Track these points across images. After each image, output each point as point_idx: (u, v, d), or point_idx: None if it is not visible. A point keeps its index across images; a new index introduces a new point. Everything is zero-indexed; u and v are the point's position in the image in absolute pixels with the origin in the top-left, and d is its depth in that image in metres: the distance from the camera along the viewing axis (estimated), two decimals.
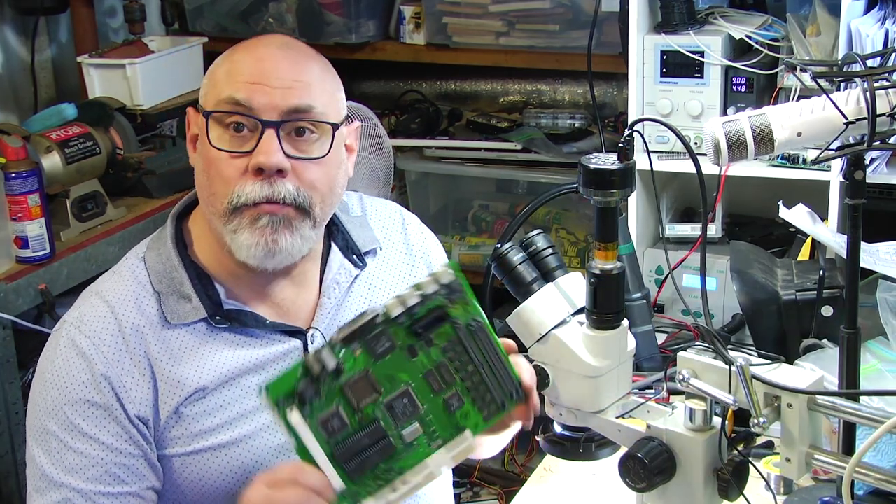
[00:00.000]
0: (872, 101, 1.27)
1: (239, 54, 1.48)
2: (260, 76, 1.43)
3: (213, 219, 1.47)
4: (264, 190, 1.42)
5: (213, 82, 1.48)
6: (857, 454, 1.16)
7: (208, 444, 1.46)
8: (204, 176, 1.46)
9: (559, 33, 2.84)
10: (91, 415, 1.43)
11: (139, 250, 1.54)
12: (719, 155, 1.33)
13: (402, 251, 1.68)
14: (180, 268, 1.49)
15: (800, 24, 2.11)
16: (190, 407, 1.45)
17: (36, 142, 2.41)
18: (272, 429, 1.46)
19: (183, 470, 1.46)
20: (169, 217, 1.55)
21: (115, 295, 1.48)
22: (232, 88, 1.43)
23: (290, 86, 1.44)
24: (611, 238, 1.25)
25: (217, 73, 1.48)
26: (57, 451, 1.43)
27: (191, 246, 1.53)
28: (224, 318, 1.48)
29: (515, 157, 2.92)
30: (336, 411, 1.25)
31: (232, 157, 1.43)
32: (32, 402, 1.48)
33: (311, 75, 1.47)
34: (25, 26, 3.05)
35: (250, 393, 1.48)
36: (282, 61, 1.46)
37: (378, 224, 1.67)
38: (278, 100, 1.42)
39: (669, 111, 2.19)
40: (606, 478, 1.64)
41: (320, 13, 3.06)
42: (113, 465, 1.43)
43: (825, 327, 1.83)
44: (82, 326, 1.46)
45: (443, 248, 1.77)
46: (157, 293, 1.48)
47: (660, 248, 2.31)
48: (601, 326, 1.27)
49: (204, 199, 1.48)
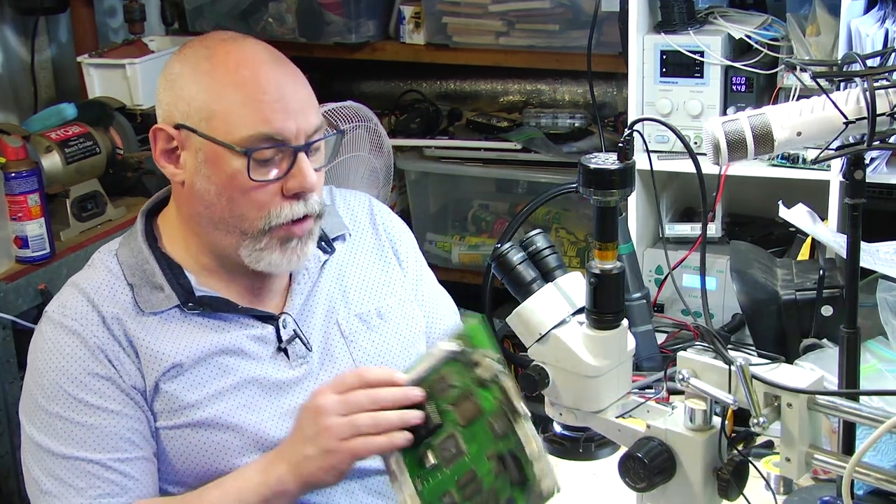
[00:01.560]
0: (872, 101, 1.27)
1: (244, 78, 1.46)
2: (280, 103, 1.47)
3: (222, 237, 1.51)
4: (301, 209, 1.50)
5: (226, 110, 1.46)
6: (857, 454, 1.16)
7: (188, 419, 1.49)
8: (221, 200, 1.49)
9: (559, 33, 2.84)
10: (94, 386, 1.46)
11: (112, 246, 1.59)
12: (719, 155, 1.33)
13: (370, 238, 1.73)
14: (151, 259, 1.53)
15: (800, 23, 2.11)
16: (168, 383, 1.49)
17: (36, 142, 2.41)
18: (247, 408, 1.52)
19: (168, 443, 1.50)
20: (139, 214, 1.59)
21: (90, 285, 1.52)
22: (259, 124, 1.45)
23: (302, 107, 1.49)
24: (611, 238, 1.25)
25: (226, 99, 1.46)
26: (64, 431, 1.46)
27: (160, 240, 1.57)
28: (196, 303, 1.53)
29: (515, 157, 2.92)
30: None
31: (266, 185, 1.47)
32: (27, 394, 1.50)
33: (307, 87, 1.53)
34: (25, 26, 3.05)
35: (226, 371, 1.52)
36: (285, 78, 1.50)
37: (346, 212, 1.73)
38: (301, 123, 1.48)
39: (669, 111, 2.19)
40: (606, 478, 1.63)
41: (320, 13, 3.06)
42: (125, 429, 1.47)
43: (825, 327, 1.83)
44: (66, 311, 1.50)
45: (415, 240, 1.81)
46: (130, 285, 1.52)
47: (660, 248, 2.31)
48: (601, 326, 1.27)
49: (216, 219, 1.51)
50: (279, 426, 1.53)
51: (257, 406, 1.53)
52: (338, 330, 1.62)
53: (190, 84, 1.48)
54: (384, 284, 1.69)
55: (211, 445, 1.50)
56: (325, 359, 1.60)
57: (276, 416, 1.53)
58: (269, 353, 1.56)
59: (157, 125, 1.52)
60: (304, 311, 1.60)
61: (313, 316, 1.60)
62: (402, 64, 3.17)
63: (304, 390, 1.56)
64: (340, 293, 1.64)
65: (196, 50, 1.51)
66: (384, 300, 1.68)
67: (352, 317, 1.63)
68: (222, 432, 1.50)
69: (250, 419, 1.52)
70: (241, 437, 1.51)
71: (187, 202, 1.53)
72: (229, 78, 1.47)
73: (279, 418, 1.53)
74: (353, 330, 1.63)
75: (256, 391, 1.53)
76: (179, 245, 1.56)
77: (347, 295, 1.65)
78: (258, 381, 1.54)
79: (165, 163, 1.53)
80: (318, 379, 1.58)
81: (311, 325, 1.60)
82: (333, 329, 1.62)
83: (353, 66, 3.23)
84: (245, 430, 1.51)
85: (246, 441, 1.51)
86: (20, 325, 2.27)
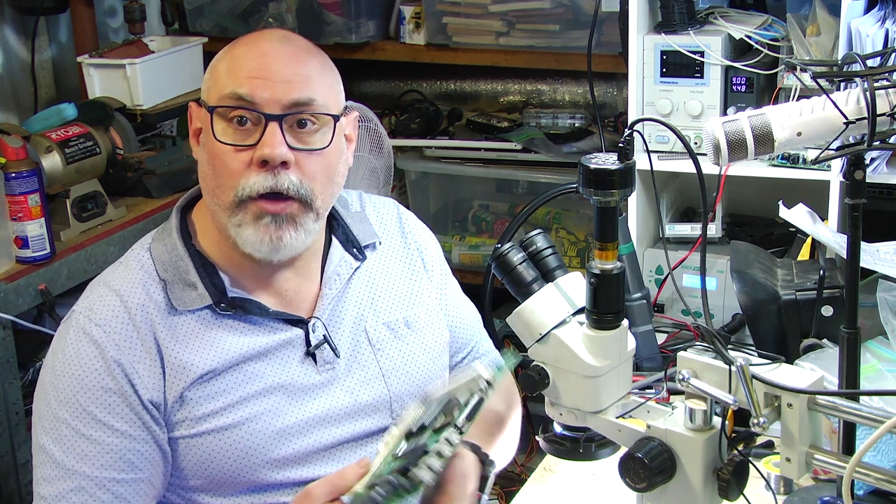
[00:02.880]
0: (872, 101, 1.27)
1: (239, 49, 1.51)
2: (261, 70, 1.46)
3: (217, 211, 1.50)
4: (268, 181, 1.46)
5: (214, 77, 1.50)
6: (857, 454, 1.16)
7: (210, 426, 1.48)
8: (209, 168, 1.50)
9: (559, 33, 2.84)
10: (105, 401, 1.45)
11: (145, 241, 1.58)
12: (719, 155, 1.33)
13: (399, 246, 1.71)
14: (185, 257, 1.53)
15: (800, 23, 2.11)
16: (194, 391, 1.48)
17: (36, 142, 2.41)
18: (273, 413, 1.51)
19: (187, 452, 1.49)
20: (174, 209, 1.59)
21: (122, 283, 1.51)
22: (234, 83, 1.46)
23: (290, 79, 1.47)
24: (611, 238, 1.25)
25: (218, 67, 1.51)
26: (69, 439, 1.45)
27: (195, 237, 1.56)
28: (228, 305, 1.52)
29: (515, 157, 2.92)
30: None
31: (237, 151, 1.46)
32: (42, 393, 1.49)
33: (310, 68, 1.51)
34: (25, 26, 3.05)
35: (253, 378, 1.51)
36: (282, 55, 1.49)
37: (376, 220, 1.71)
38: (280, 93, 1.46)
39: (669, 111, 2.19)
40: (606, 478, 1.64)
41: (320, 13, 3.06)
42: (127, 451, 1.46)
43: (825, 327, 1.83)
44: (92, 315, 1.48)
45: (440, 247, 1.79)
46: (163, 281, 1.52)
47: (660, 248, 2.31)
48: (601, 326, 1.27)
49: (208, 193, 1.51)
50: (303, 431, 1.53)
51: (282, 411, 1.52)
52: (365, 338, 1.61)
53: (214, 65, 1.53)
54: (412, 294, 1.68)
55: (235, 451, 1.49)
56: (351, 365, 1.59)
57: (301, 422, 1.53)
58: (297, 357, 1.55)
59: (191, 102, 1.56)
60: (333, 316, 1.59)
61: (342, 322, 1.60)
62: (402, 64, 3.17)
63: (329, 396, 1.56)
64: (370, 301, 1.64)
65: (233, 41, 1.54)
66: (412, 310, 1.67)
67: (380, 325, 1.63)
68: (246, 438, 1.49)
69: (275, 424, 1.51)
70: (265, 443, 1.50)
71: (203, 187, 1.53)
72: (231, 51, 1.51)
73: (303, 423, 1.53)
74: (381, 338, 1.62)
75: (282, 396, 1.52)
76: (212, 242, 1.55)
77: (376, 303, 1.64)
78: (284, 387, 1.53)
79: (194, 143, 1.55)
80: (343, 385, 1.57)
81: (340, 331, 1.59)
82: (361, 336, 1.61)
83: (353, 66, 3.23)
84: (269, 435, 1.50)
85: (269, 447, 1.50)
86: (20, 325, 2.27)
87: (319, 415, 1.54)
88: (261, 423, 1.50)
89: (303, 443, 1.53)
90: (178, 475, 1.51)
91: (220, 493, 1.51)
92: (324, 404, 1.55)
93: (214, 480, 1.50)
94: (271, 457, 1.51)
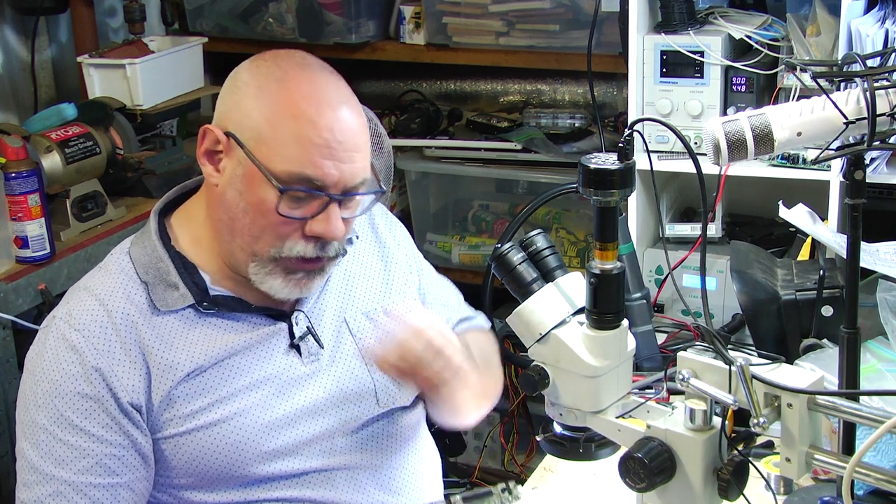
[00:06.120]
0: (872, 101, 1.27)
1: (305, 117, 1.45)
2: (330, 152, 1.45)
3: (236, 252, 1.51)
4: (315, 251, 1.49)
5: (276, 139, 1.45)
6: (857, 454, 1.16)
7: (199, 423, 1.49)
8: (246, 219, 1.48)
9: (559, 33, 2.84)
10: (82, 407, 1.45)
11: (124, 246, 1.58)
12: (719, 155, 1.33)
13: (371, 240, 1.74)
14: (166, 258, 1.53)
15: (800, 23, 2.11)
16: (181, 389, 1.49)
17: (36, 142, 2.41)
18: (260, 406, 1.53)
19: (176, 451, 1.50)
20: (152, 213, 1.59)
21: (103, 288, 1.52)
22: (303, 166, 1.44)
23: (354, 160, 1.48)
24: (611, 238, 1.25)
25: (280, 129, 1.45)
26: (46, 444, 1.45)
27: (174, 240, 1.57)
28: (211, 303, 1.53)
29: (515, 157, 2.92)
30: None
31: (290, 220, 1.47)
32: (22, 398, 1.50)
33: (363, 132, 1.51)
34: (25, 26, 3.05)
35: (239, 373, 1.53)
36: (347, 132, 1.47)
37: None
38: (347, 177, 1.47)
39: (669, 111, 2.19)
40: (606, 478, 1.64)
41: (320, 13, 3.06)
42: (104, 456, 1.46)
43: (825, 327, 1.83)
44: (71, 321, 1.49)
45: (409, 234, 1.84)
46: (144, 283, 1.52)
47: (660, 248, 2.31)
48: (601, 326, 1.27)
49: (233, 233, 1.50)
50: (291, 423, 1.54)
51: (270, 404, 1.54)
52: (346, 327, 1.64)
53: (252, 99, 1.47)
54: (388, 283, 1.71)
55: (225, 447, 1.50)
56: (335, 355, 1.61)
57: (289, 414, 1.54)
58: (281, 350, 1.57)
59: (209, 126, 1.51)
60: (315, 309, 1.62)
61: (324, 314, 1.62)
62: (402, 64, 3.17)
63: (315, 386, 1.57)
64: (348, 292, 1.66)
65: (269, 68, 1.50)
66: (389, 298, 1.70)
67: (359, 314, 1.66)
68: (236, 433, 1.51)
69: (263, 417, 1.53)
70: (254, 437, 1.51)
71: (216, 206, 1.52)
72: (291, 109, 1.45)
73: (291, 415, 1.54)
74: (361, 327, 1.65)
75: (269, 390, 1.54)
76: (194, 247, 1.56)
77: (354, 294, 1.67)
78: (271, 380, 1.54)
79: (207, 162, 1.51)
80: (326, 375, 1.59)
81: (323, 322, 1.62)
82: (342, 327, 1.63)
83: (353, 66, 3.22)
84: (258, 429, 1.52)
85: (258, 440, 1.52)
86: (20, 325, 2.27)
87: (307, 406, 1.55)
88: (249, 417, 1.51)
89: (292, 434, 1.54)
90: (169, 474, 1.51)
91: (211, 489, 1.52)
92: (311, 395, 1.56)
93: (205, 477, 1.51)
94: (261, 450, 1.52)
